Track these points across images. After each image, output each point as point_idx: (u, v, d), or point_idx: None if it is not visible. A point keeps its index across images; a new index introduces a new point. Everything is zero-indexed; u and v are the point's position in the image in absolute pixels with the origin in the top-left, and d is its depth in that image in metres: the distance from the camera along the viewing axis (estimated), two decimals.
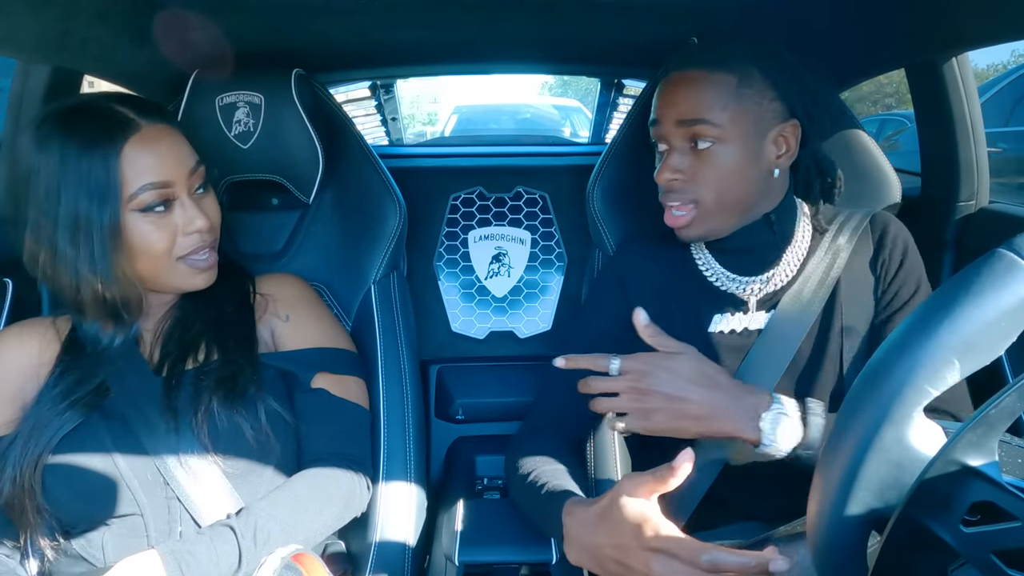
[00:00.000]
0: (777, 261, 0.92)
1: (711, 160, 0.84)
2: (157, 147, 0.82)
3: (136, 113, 0.82)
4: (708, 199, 0.85)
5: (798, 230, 0.93)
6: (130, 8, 0.95)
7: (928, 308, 0.44)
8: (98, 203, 0.79)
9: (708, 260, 0.94)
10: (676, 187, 0.86)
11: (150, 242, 0.82)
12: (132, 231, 0.81)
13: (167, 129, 0.84)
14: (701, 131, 0.83)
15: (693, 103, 0.83)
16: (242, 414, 0.84)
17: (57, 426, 0.81)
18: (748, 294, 0.91)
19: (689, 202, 0.86)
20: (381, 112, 3.13)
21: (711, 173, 0.84)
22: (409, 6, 1.03)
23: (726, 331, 0.91)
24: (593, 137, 3.60)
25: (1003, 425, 0.41)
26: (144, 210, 0.81)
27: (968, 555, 0.41)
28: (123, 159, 0.79)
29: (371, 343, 1.09)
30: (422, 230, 1.53)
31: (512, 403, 1.51)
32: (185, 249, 0.85)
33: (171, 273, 0.86)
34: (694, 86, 0.84)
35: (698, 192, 0.85)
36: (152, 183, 0.81)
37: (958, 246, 1.23)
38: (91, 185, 0.78)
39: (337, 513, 0.88)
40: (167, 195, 0.82)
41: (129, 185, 0.80)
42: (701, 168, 0.84)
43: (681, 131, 0.85)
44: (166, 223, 0.83)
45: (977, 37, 0.99)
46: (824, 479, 0.47)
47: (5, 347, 0.88)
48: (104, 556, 0.81)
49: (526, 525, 0.93)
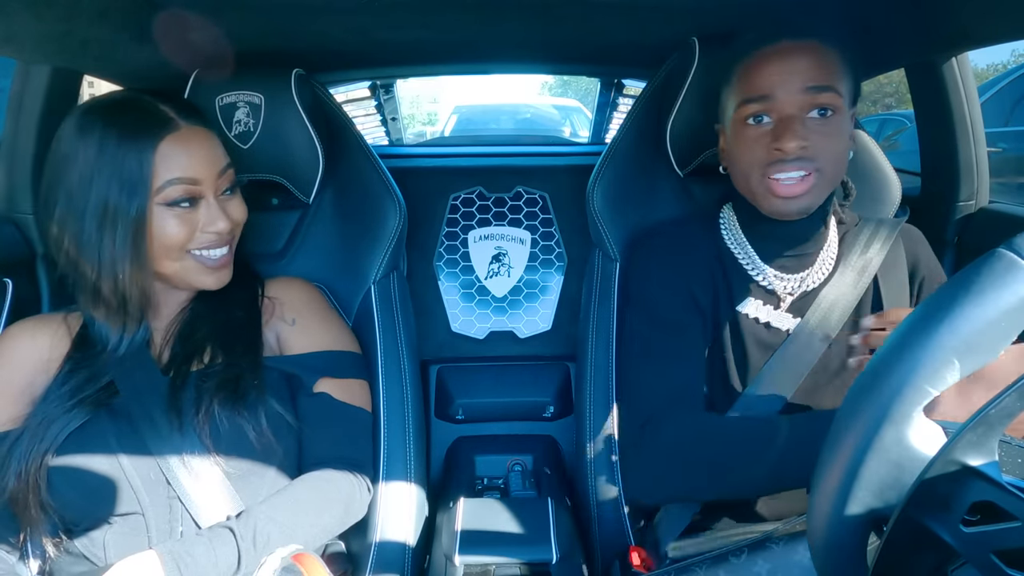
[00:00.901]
0: (813, 260, 0.92)
1: (832, 127, 0.83)
2: (190, 146, 0.84)
3: (177, 112, 0.86)
4: (828, 167, 0.84)
5: (831, 227, 0.93)
6: (130, 8, 0.95)
7: (928, 308, 0.44)
8: (128, 193, 0.81)
9: (745, 249, 0.93)
10: (804, 155, 0.83)
11: (170, 234, 0.84)
12: (156, 223, 0.84)
13: (203, 131, 0.87)
14: (827, 99, 0.82)
15: (822, 70, 0.82)
16: (244, 416, 0.84)
17: (64, 423, 0.82)
18: (784, 292, 0.92)
19: (813, 170, 0.84)
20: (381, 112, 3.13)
21: (832, 142, 0.84)
22: (409, 6, 1.03)
23: (752, 316, 0.91)
24: (593, 137, 3.60)
25: (1003, 425, 0.41)
26: (170, 204, 0.84)
27: (968, 555, 0.41)
28: (157, 154, 0.82)
29: (371, 343, 1.09)
30: (422, 230, 1.53)
31: (512, 403, 1.51)
32: (200, 244, 0.86)
33: (182, 266, 0.87)
34: (818, 55, 0.83)
35: (820, 161, 0.84)
36: (180, 178, 0.83)
37: (958, 246, 1.23)
38: (123, 175, 0.81)
39: (337, 517, 0.88)
40: (194, 192, 0.85)
41: (159, 178, 0.82)
42: (823, 135, 0.83)
43: (806, 99, 0.83)
44: (189, 219, 0.85)
45: (977, 37, 0.99)
46: (824, 479, 0.47)
47: (16, 341, 0.89)
48: (105, 555, 0.81)
49: (526, 525, 0.93)
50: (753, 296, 0.92)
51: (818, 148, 0.83)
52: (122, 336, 0.87)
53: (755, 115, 0.85)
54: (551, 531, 0.91)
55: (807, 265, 0.92)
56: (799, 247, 0.91)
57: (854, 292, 0.90)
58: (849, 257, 0.92)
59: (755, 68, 0.85)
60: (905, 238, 0.95)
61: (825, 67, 0.83)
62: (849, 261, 0.91)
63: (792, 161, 0.83)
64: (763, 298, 0.92)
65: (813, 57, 0.83)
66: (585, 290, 1.19)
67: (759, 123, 0.85)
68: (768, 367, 0.89)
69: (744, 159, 0.86)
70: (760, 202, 0.87)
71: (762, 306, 0.91)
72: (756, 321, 0.91)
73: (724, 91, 0.91)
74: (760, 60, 0.85)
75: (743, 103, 0.85)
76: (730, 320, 0.92)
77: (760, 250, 0.93)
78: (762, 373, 0.89)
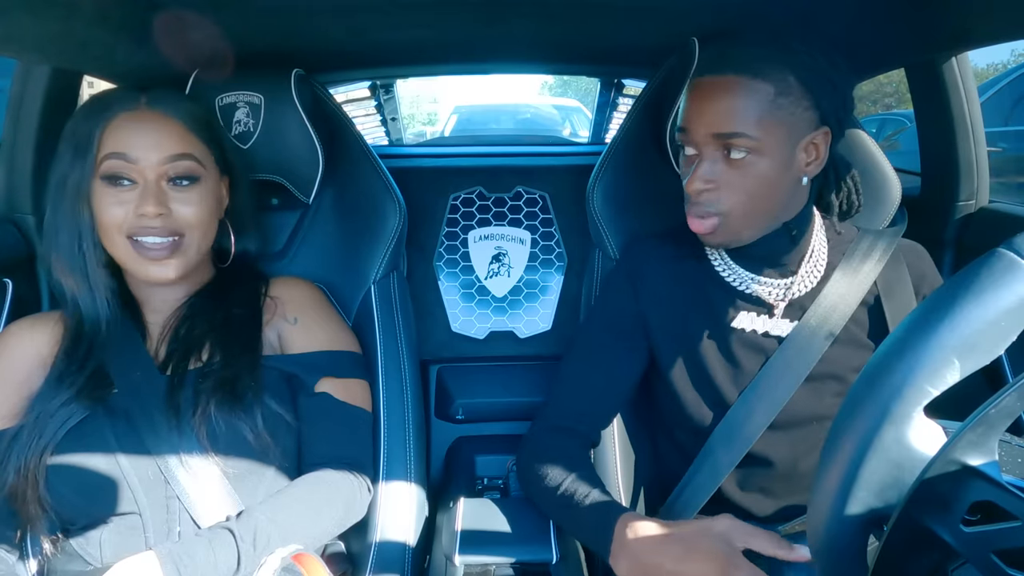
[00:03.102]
0: (796, 269, 0.91)
1: (744, 170, 0.81)
2: (140, 125, 0.86)
3: (149, 97, 0.88)
4: (737, 209, 0.83)
5: (815, 239, 0.92)
6: (130, 8, 0.95)
7: (928, 308, 0.44)
8: (78, 163, 0.85)
9: (727, 263, 0.93)
10: (704, 198, 0.83)
11: (106, 212, 0.85)
12: (96, 199, 0.85)
13: (164, 116, 0.87)
14: (736, 143, 0.80)
15: (729, 115, 0.79)
16: (241, 417, 0.84)
17: (63, 418, 0.82)
18: (775, 299, 0.91)
19: (717, 212, 0.83)
20: (381, 112, 3.13)
21: (742, 183, 0.81)
22: (409, 6, 1.03)
23: (748, 329, 0.91)
24: (593, 137, 3.60)
25: (1003, 425, 0.41)
26: (108, 180, 0.85)
27: (968, 555, 0.41)
28: (108, 127, 0.85)
29: (371, 343, 1.08)
30: (422, 230, 1.53)
31: (512, 403, 1.51)
32: (133, 229, 0.85)
33: (125, 252, 0.87)
34: (730, 96, 0.79)
35: (728, 201, 0.82)
36: (117, 153, 0.84)
37: (958, 246, 1.23)
38: (76, 144, 0.85)
39: (338, 518, 0.88)
40: (128, 171, 0.85)
41: (102, 151, 0.85)
42: (733, 177, 0.81)
43: (715, 142, 0.81)
44: (124, 199, 0.85)
45: (977, 37, 0.99)
46: (824, 479, 0.47)
47: (15, 338, 0.89)
48: (101, 554, 0.81)
49: (526, 525, 0.93)
50: (744, 311, 0.91)
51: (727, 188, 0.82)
52: (92, 312, 0.88)
53: (682, 145, 0.86)
54: (551, 531, 0.91)
55: (790, 273, 0.91)
56: (774, 258, 0.91)
57: (854, 294, 0.89)
58: (849, 262, 0.91)
59: (684, 101, 0.85)
60: (909, 256, 0.95)
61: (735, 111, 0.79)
62: (849, 266, 0.91)
63: (696, 203, 0.84)
64: (755, 310, 0.91)
65: (725, 100, 0.80)
66: (585, 290, 1.19)
67: (686, 156, 0.86)
68: (765, 371, 0.88)
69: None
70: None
71: (756, 317, 0.91)
72: (753, 333, 0.91)
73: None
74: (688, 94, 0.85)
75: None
76: (718, 334, 0.91)
77: (741, 264, 0.92)
78: (759, 378, 0.88)
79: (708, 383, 0.91)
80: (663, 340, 0.94)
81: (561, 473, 0.89)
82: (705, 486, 0.90)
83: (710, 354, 0.91)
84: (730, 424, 0.89)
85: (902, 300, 0.92)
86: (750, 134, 0.79)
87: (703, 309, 0.93)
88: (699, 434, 0.91)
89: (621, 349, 0.96)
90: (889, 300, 0.91)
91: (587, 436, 0.97)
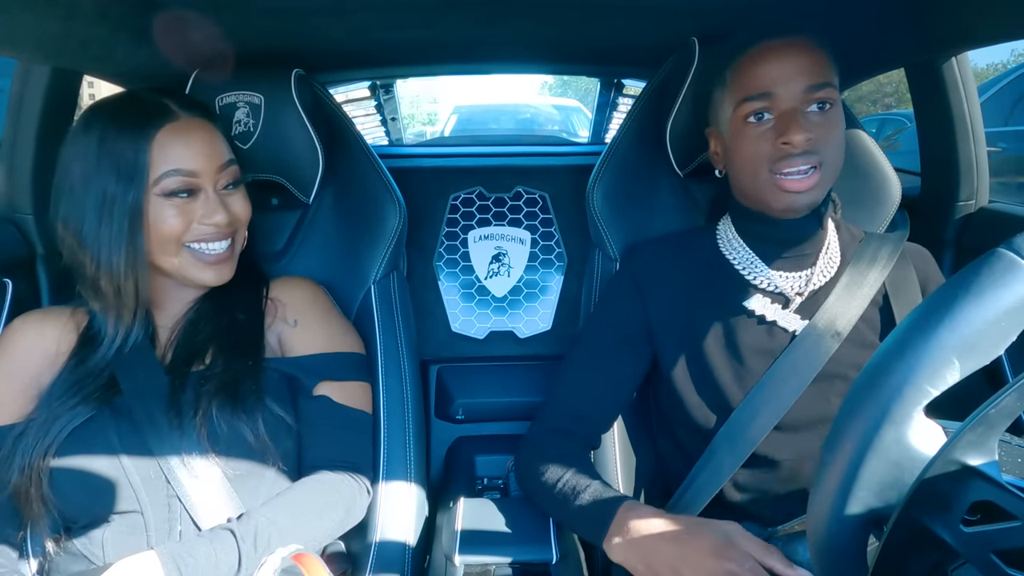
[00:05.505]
0: (814, 260, 0.92)
1: (833, 119, 0.85)
2: (188, 137, 0.85)
3: (177, 105, 0.87)
4: (832, 158, 0.86)
5: (830, 233, 0.94)
6: (130, 8, 0.95)
7: (928, 308, 0.44)
8: (125, 183, 0.82)
9: (744, 254, 0.93)
10: (810, 147, 0.84)
11: (166, 226, 0.85)
12: (152, 213, 0.84)
13: (204, 123, 0.88)
14: (825, 94, 0.84)
15: (818, 68, 0.84)
16: (242, 420, 0.85)
17: (68, 419, 0.82)
18: (792, 292, 0.92)
19: (820, 162, 0.85)
20: (381, 112, 3.13)
21: (834, 133, 0.86)
22: (409, 6, 1.03)
23: (758, 313, 0.91)
24: (593, 137, 3.60)
25: (1003, 425, 0.41)
26: (168, 195, 0.84)
27: (968, 555, 0.41)
28: (155, 143, 0.83)
29: (371, 343, 1.08)
30: (422, 230, 1.53)
31: (512, 403, 1.51)
32: (196, 236, 0.86)
33: (180, 260, 0.87)
34: (813, 51, 0.85)
35: (824, 152, 0.85)
36: (177, 170, 0.84)
37: (958, 246, 1.23)
38: (121, 165, 0.82)
39: (338, 520, 0.89)
40: (192, 184, 0.85)
41: (156, 169, 0.83)
42: (825, 128, 0.85)
43: (805, 94, 0.84)
44: (187, 210, 0.86)
45: (977, 37, 0.99)
46: (824, 479, 0.47)
47: (23, 335, 0.89)
48: (103, 554, 0.81)
49: (526, 525, 0.93)
50: (758, 297, 0.91)
51: (821, 140, 0.84)
52: (118, 328, 0.87)
53: (756, 112, 0.85)
54: (551, 531, 0.91)
55: (809, 264, 0.92)
56: (798, 247, 0.91)
57: (863, 295, 0.89)
58: (858, 265, 0.92)
59: (752, 66, 0.86)
60: (915, 259, 0.96)
61: (822, 64, 0.85)
62: (858, 268, 0.92)
63: (799, 155, 0.83)
64: (770, 298, 0.92)
65: (807, 53, 0.85)
66: (585, 290, 1.19)
67: (760, 120, 0.85)
68: (771, 373, 0.88)
69: (749, 157, 0.86)
70: (768, 200, 0.87)
71: (770, 304, 0.91)
72: (762, 320, 0.91)
73: (717, 93, 0.91)
74: (756, 59, 0.86)
75: (743, 102, 0.86)
76: (726, 335, 0.92)
77: (761, 253, 0.93)
78: (765, 380, 0.88)
79: (713, 384, 0.91)
80: (668, 343, 0.95)
81: (561, 469, 0.89)
82: (707, 487, 0.90)
83: (716, 355, 0.91)
84: (734, 425, 0.89)
85: (909, 301, 0.92)
86: (834, 83, 0.85)
87: (712, 308, 0.93)
88: (702, 435, 0.91)
89: (624, 353, 0.96)
90: (897, 300, 0.92)
91: (587, 438, 0.98)
